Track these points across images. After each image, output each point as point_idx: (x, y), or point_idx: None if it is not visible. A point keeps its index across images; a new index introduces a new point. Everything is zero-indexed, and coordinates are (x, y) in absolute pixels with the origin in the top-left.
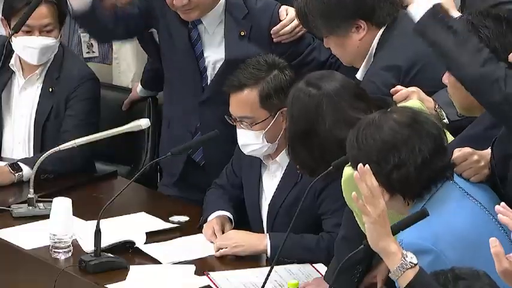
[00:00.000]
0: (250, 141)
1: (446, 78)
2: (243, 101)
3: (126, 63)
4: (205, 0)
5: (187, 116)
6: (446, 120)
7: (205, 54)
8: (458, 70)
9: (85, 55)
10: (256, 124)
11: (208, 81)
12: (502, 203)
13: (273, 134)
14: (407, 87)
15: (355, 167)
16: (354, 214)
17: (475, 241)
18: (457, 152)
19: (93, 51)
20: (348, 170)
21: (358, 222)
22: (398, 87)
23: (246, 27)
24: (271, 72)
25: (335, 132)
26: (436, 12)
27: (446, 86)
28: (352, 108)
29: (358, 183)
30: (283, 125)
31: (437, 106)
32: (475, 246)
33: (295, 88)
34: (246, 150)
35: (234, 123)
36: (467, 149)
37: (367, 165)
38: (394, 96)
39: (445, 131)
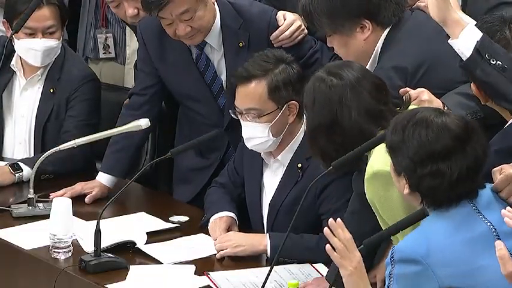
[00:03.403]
0: (255, 134)
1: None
2: (251, 92)
3: None
4: (206, 24)
5: (214, 143)
6: None
7: (219, 73)
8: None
9: (101, 55)
10: (263, 116)
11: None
12: (508, 207)
13: (279, 127)
14: (414, 89)
15: (390, 152)
16: (375, 213)
17: (471, 264)
18: (498, 174)
19: (109, 52)
20: (370, 168)
21: (379, 221)
22: (407, 88)
23: (244, 37)
24: (279, 65)
25: (358, 122)
26: (483, 49)
27: (454, 88)
28: (373, 98)
29: (330, 239)
30: (289, 119)
31: (446, 108)
32: (470, 268)
33: (315, 77)
34: (250, 144)
35: (239, 117)
36: (510, 171)
37: (338, 219)
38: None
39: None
